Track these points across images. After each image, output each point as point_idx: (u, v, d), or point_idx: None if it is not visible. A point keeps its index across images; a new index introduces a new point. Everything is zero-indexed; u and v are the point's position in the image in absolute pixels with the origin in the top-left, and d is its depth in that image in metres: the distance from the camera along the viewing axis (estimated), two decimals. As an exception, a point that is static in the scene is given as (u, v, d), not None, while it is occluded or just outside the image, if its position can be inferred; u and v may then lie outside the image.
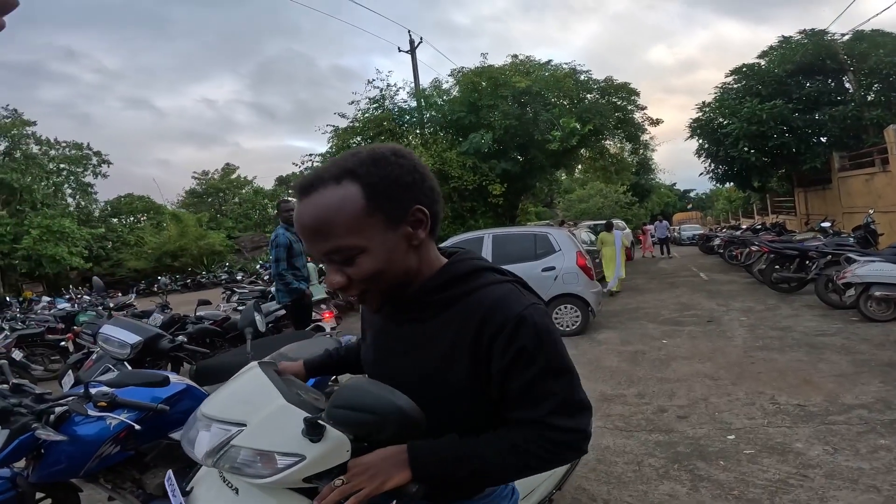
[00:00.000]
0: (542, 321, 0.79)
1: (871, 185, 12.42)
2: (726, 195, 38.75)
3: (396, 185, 0.77)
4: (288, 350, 2.67)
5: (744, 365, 4.62)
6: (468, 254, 0.89)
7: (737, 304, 7.79)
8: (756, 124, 14.60)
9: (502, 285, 0.83)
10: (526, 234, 7.05)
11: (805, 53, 15.03)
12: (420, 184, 0.80)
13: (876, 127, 13.01)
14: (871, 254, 6.67)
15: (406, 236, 0.79)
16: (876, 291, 5.72)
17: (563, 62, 13.31)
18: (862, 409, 3.37)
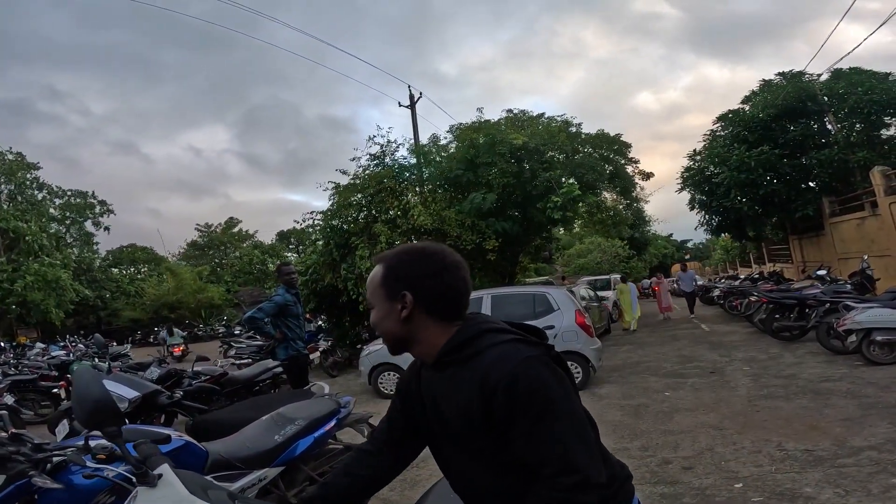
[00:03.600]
0: (534, 373, 0.91)
1: (862, 230, 12.49)
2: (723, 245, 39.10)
3: (403, 274, 1.04)
4: (286, 410, 2.71)
5: (749, 414, 4.55)
6: (477, 317, 1.08)
7: (739, 354, 7.72)
8: (745, 172, 14.74)
9: (501, 345, 0.96)
10: (525, 293, 7.12)
11: (786, 96, 15.20)
12: (422, 278, 1.03)
13: (862, 169, 12.92)
14: (868, 300, 6.74)
15: (396, 310, 1.04)
16: (877, 336, 5.76)
17: (556, 114, 13.84)
18: (871, 450, 3.33)
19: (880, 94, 13.87)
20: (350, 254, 10.49)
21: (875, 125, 14.71)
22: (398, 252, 1.10)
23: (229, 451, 2.32)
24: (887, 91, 14.00)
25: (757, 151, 14.69)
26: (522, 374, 0.90)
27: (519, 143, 11.60)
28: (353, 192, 11.63)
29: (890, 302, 6.20)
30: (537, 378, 0.90)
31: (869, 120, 14.54)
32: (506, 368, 0.91)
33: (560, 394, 0.91)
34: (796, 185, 15.22)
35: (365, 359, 7.58)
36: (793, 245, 17.80)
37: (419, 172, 12.89)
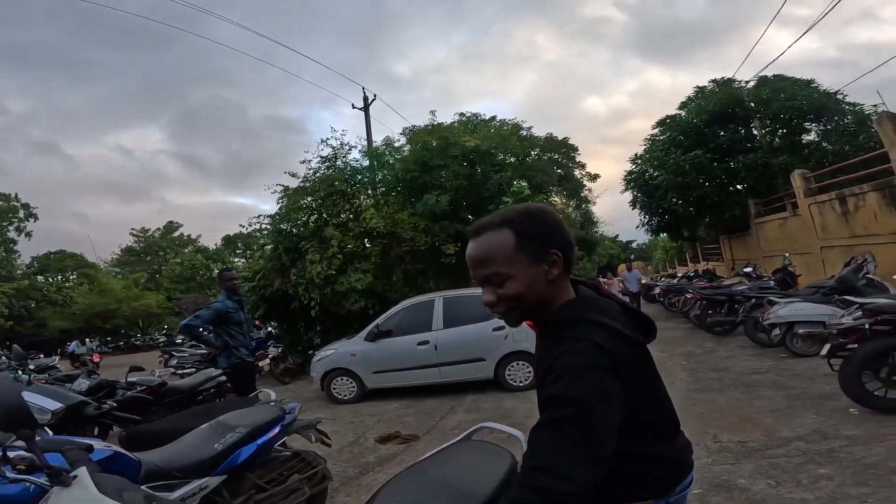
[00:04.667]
0: (578, 381, 0.91)
1: (784, 230, 13.31)
2: (662, 245, 41.29)
3: (540, 233, 1.04)
4: (226, 418, 2.68)
5: (687, 407, 4.79)
6: (582, 302, 1.08)
7: (678, 349, 8.12)
8: (681, 175, 15.47)
9: (579, 342, 0.97)
10: (475, 295, 7.17)
11: (717, 102, 15.99)
12: (558, 235, 1.05)
13: (784, 172, 13.53)
14: (790, 295, 7.28)
15: (543, 272, 1.03)
16: (799, 329, 6.15)
17: (508, 118, 14.12)
18: (799, 441, 3.56)
19: (801, 100, 14.63)
20: (300, 258, 10.19)
21: (796, 131, 15.57)
22: (521, 213, 1.06)
23: (165, 460, 2.29)
24: (808, 98, 14.73)
25: (691, 155, 15.36)
26: (566, 377, 0.92)
27: (471, 145, 11.73)
28: (303, 195, 11.31)
29: (810, 297, 6.63)
30: (578, 380, 0.91)
31: (790, 126, 15.45)
32: (565, 365, 0.94)
33: (586, 409, 0.89)
34: (726, 187, 16.05)
35: (316, 365, 7.46)
36: (723, 244, 18.92)
37: (372, 175, 12.74)
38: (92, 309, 29.25)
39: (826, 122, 15.11)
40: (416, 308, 7.30)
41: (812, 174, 11.96)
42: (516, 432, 1.85)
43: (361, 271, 9.83)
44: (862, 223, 9.45)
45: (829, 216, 10.63)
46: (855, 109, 14.58)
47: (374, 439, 5.09)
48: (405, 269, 10.57)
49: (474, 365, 6.75)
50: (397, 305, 7.60)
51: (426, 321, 7.00)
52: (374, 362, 7.05)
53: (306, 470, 2.88)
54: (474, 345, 6.73)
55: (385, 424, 5.71)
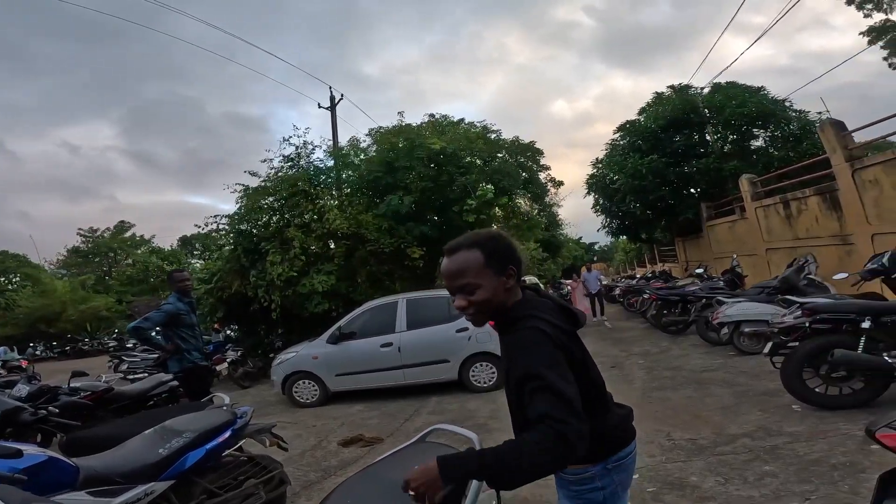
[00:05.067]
0: (531, 357, 1.22)
1: (733, 232, 13.92)
2: (623, 247, 42.64)
3: (501, 253, 1.35)
4: (173, 423, 2.64)
5: (643, 405, 4.95)
6: (526, 302, 1.37)
7: (636, 348, 8.42)
8: (638, 179, 15.85)
9: (527, 329, 1.26)
10: (439, 297, 7.25)
11: (674, 108, 16.47)
12: (513, 254, 1.37)
13: (734, 177, 13.97)
14: (737, 295, 7.62)
15: (503, 282, 1.33)
16: (745, 328, 6.44)
17: (476, 120, 14.20)
18: (746, 437, 3.70)
19: (751, 107, 15.17)
20: (260, 260, 9.90)
21: (745, 136, 16.16)
22: (487, 237, 1.39)
23: (107, 465, 2.29)
24: (757, 104, 15.29)
25: (648, 160, 15.81)
26: (522, 355, 1.24)
27: (437, 147, 11.73)
28: (264, 194, 10.99)
29: (756, 296, 6.93)
30: (532, 347, 1.23)
31: (741, 132, 15.98)
32: (519, 344, 1.26)
33: (544, 360, 1.20)
34: (680, 191, 16.59)
35: (277, 368, 7.33)
36: (678, 246, 19.67)
37: (337, 175, 12.54)
38: (35, 313, 27.59)
39: (773, 129, 15.85)
40: (379, 310, 7.25)
41: (759, 179, 12.58)
42: (470, 434, 1.86)
43: (324, 273, 9.65)
44: (804, 226, 10.03)
45: (774, 219, 11.23)
46: (800, 116, 15.39)
47: (336, 443, 5.04)
48: (370, 270, 10.45)
49: (438, 366, 6.76)
50: (360, 307, 7.53)
51: (389, 323, 6.97)
52: (337, 365, 6.97)
53: (262, 474, 2.87)
54: (438, 346, 6.74)
55: (348, 427, 5.66)
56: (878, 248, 6.61)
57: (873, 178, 7.65)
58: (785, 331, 4.32)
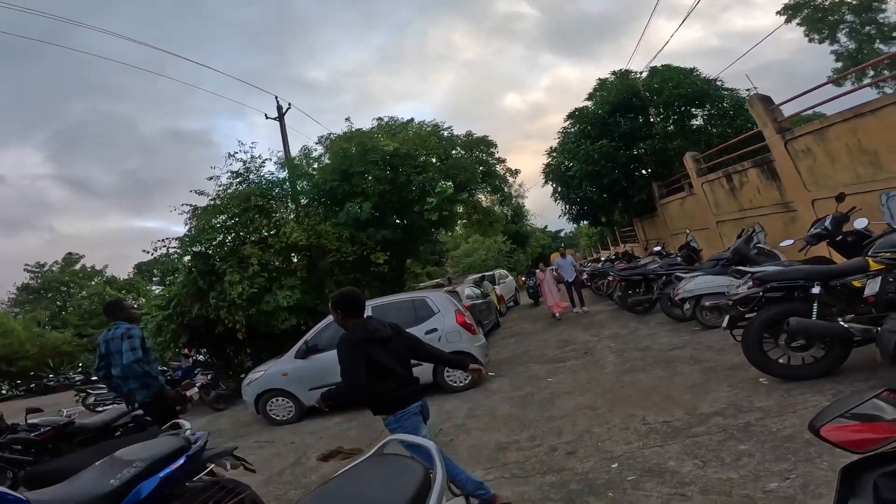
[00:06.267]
0: (338, 351, 2.90)
1: (684, 208, 14.50)
2: (586, 232, 43.62)
3: (341, 303, 2.97)
4: (122, 453, 2.58)
5: (616, 390, 5.03)
6: (351, 326, 2.96)
7: (606, 332, 8.54)
8: (591, 164, 16.24)
9: (341, 336, 2.93)
10: (404, 300, 7.20)
11: (617, 93, 16.90)
12: (342, 301, 3.00)
13: (679, 156, 14.49)
14: (694, 269, 7.81)
15: (338, 315, 2.97)
16: (706, 301, 6.61)
17: (430, 119, 14.12)
18: (717, 416, 3.72)
19: (686, 88, 15.81)
20: (218, 281, 9.51)
21: (685, 116, 16.72)
22: (336, 295, 3.04)
23: (58, 498, 2.27)
24: (692, 85, 15.95)
25: (599, 145, 16.21)
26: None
27: (390, 149, 11.58)
28: (214, 213, 10.55)
29: (711, 269, 7.10)
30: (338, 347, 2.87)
31: (680, 112, 16.56)
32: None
33: (345, 357, 2.83)
34: (632, 173, 17.03)
35: (247, 388, 7.18)
36: (637, 226, 20.29)
37: (292, 187, 12.19)
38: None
39: (710, 108, 16.57)
40: None
41: (701, 156, 13.11)
42: (427, 443, 1.82)
43: (288, 287, 9.37)
44: (748, 197, 10.49)
45: (720, 193, 11.71)
46: (732, 94, 16.11)
47: (316, 458, 4.95)
48: (336, 280, 10.23)
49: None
50: (326, 319, 7.35)
51: None
52: (309, 379, 6.81)
53: (228, 498, 2.85)
54: None
55: (327, 441, 5.58)
56: (819, 213, 6.95)
57: (805, 148, 8.07)
58: (740, 302, 4.30)
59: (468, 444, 4.50)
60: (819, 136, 7.73)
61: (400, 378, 2.94)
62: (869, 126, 6.76)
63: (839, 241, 5.05)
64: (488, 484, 3.56)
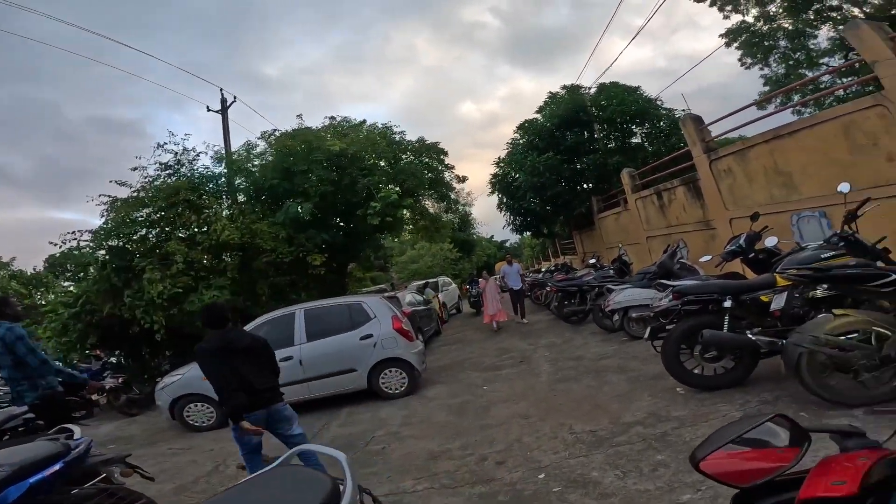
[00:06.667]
0: (197, 358, 3.43)
1: (619, 223, 15.16)
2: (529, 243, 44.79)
3: (203, 315, 3.56)
4: None
5: (549, 399, 5.10)
6: (210, 335, 3.44)
7: (543, 341, 8.72)
8: (537, 176, 16.62)
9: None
10: (339, 305, 6.99)
11: (566, 107, 17.41)
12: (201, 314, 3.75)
13: (618, 171, 14.88)
14: (624, 282, 8.16)
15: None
16: (633, 313, 6.92)
17: (379, 122, 13.90)
18: (638, 425, 3.84)
19: (629, 105, 16.59)
20: (135, 278, 8.77)
21: (626, 133, 17.53)
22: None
23: None
24: (635, 103, 16.76)
25: (545, 157, 16.64)
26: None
27: (337, 149, 11.29)
28: (137, 206, 9.76)
29: (639, 282, 7.41)
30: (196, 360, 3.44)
31: (622, 129, 17.36)
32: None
33: (206, 366, 3.36)
34: (574, 186, 17.71)
35: (161, 393, 6.71)
36: (576, 239, 21.04)
37: (229, 183, 11.55)
38: None
39: (649, 126, 17.54)
40: (274, 323, 6.78)
41: (637, 172, 13.82)
42: (337, 454, 1.73)
43: (216, 288, 8.81)
44: (675, 214, 11.17)
45: (651, 209, 12.40)
46: (669, 114, 17.13)
47: (236, 466, 4.62)
48: (270, 282, 9.76)
49: (345, 377, 6.48)
50: (254, 321, 7.01)
51: (287, 336, 6.55)
52: None
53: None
54: (342, 356, 6.47)
55: None
56: (735, 231, 7.47)
57: (727, 168, 8.65)
58: (661, 314, 4.52)
59: (400, 453, 4.40)
60: (740, 156, 8.27)
61: (250, 387, 3.33)
62: (785, 148, 7.26)
63: (751, 258, 5.42)
64: (417, 494, 3.49)
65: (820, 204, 6.52)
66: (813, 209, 6.64)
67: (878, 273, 3.25)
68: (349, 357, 6.46)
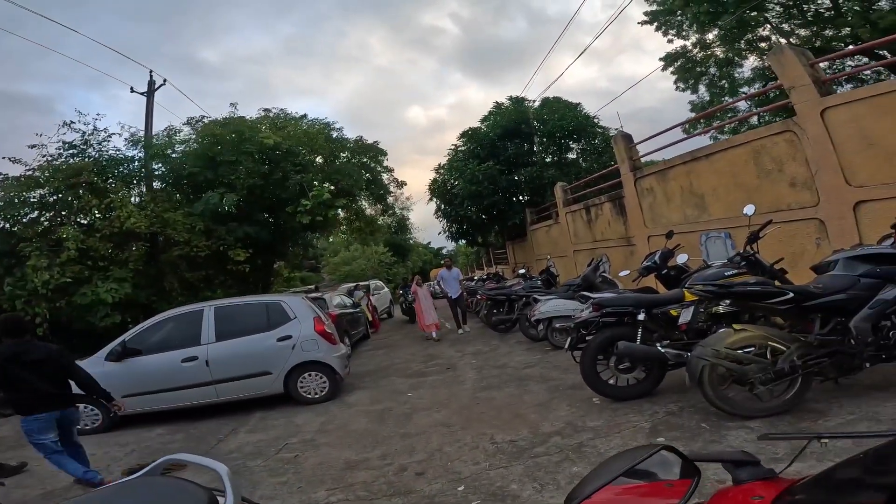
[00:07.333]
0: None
1: (549, 235, 15.62)
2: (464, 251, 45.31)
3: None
4: None
5: (471, 407, 5.05)
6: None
7: (470, 348, 8.70)
8: (475, 184, 16.81)
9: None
10: (256, 303, 6.59)
11: (509, 119, 17.76)
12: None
13: (552, 185, 15.24)
14: (550, 293, 8.42)
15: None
16: (557, 323, 7.11)
17: (319, 117, 13.36)
18: (556, 435, 3.86)
19: (569, 121, 17.32)
20: (19, 265, 7.72)
21: (563, 148, 18.24)
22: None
23: None
24: (574, 119, 17.51)
25: (485, 166, 16.86)
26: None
27: (270, 142, 10.71)
28: (29, 186, 8.62)
29: (564, 294, 7.68)
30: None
31: (559, 144, 18.02)
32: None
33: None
34: (510, 197, 18.08)
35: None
36: (509, 249, 21.50)
37: (147, 168, 10.55)
38: None
39: (584, 143, 18.37)
40: (178, 320, 6.26)
41: (569, 187, 14.39)
42: (216, 465, 1.50)
43: (115, 280, 7.95)
44: (600, 229, 11.72)
45: (579, 223, 12.96)
46: (604, 133, 17.94)
47: (121, 472, 4.25)
48: (180, 276, 8.97)
49: (258, 380, 6.06)
50: (153, 318, 6.43)
51: (193, 335, 6.04)
52: (124, 385, 5.76)
53: None
54: (256, 357, 6.04)
55: (140, 455, 4.87)
56: (652, 248, 7.93)
57: (649, 187, 9.18)
58: (581, 325, 4.65)
59: (314, 462, 4.14)
60: (661, 176, 8.78)
61: (36, 390, 3.82)
62: (700, 170, 7.75)
63: (664, 274, 5.77)
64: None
65: (726, 225, 7.08)
66: (719, 230, 7.21)
67: (775, 291, 3.52)
68: (264, 359, 6.05)
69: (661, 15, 16.71)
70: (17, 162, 8.91)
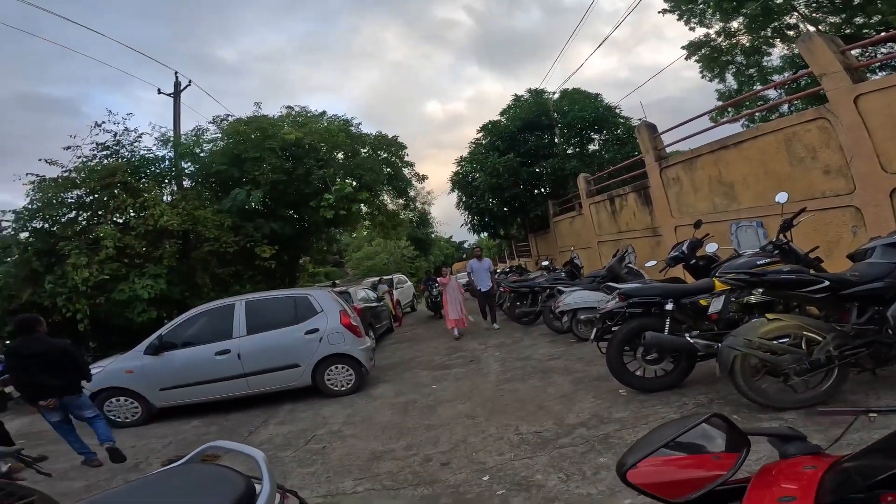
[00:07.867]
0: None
1: (573, 227, 15.48)
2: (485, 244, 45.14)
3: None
4: None
5: (495, 399, 5.06)
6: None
7: (493, 341, 8.69)
8: (496, 177, 16.75)
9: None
10: (284, 297, 6.74)
11: (529, 111, 17.65)
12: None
13: (574, 176, 15.21)
14: (575, 284, 8.31)
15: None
16: (581, 315, 7.03)
17: (339, 114, 13.54)
18: (582, 427, 3.83)
19: (590, 112, 17.09)
20: (59, 263, 8.08)
21: (584, 139, 18.01)
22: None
23: None
24: (595, 110, 17.27)
25: (505, 159, 16.78)
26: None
27: (293, 138, 10.89)
28: (67, 186, 8.99)
29: (589, 285, 7.58)
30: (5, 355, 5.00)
31: (581, 135, 17.81)
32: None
33: (9, 360, 4.47)
34: (532, 189, 17.98)
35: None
36: (531, 241, 21.38)
37: (177, 167, 10.89)
38: None
39: (606, 133, 18.06)
40: (211, 315, 6.45)
41: (592, 178, 14.18)
42: (254, 452, 1.57)
43: (151, 276, 8.24)
44: (625, 220, 11.52)
45: (603, 214, 12.76)
46: (626, 122, 17.64)
47: (160, 463, 4.35)
48: (212, 272, 9.23)
49: (287, 372, 6.21)
50: (187, 313, 6.64)
51: (226, 329, 6.22)
52: (161, 378, 6.07)
53: (7, 501, 2.70)
54: (285, 350, 6.19)
55: (177, 446, 5.04)
56: (679, 238, 7.74)
57: (676, 176, 8.98)
58: (607, 316, 4.59)
59: (341, 452, 4.23)
60: (688, 165, 8.58)
61: (34, 380, 4.32)
62: (729, 159, 7.55)
63: (692, 264, 5.62)
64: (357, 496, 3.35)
65: (757, 214, 6.86)
66: (750, 219, 6.99)
67: (810, 279, 3.39)
68: (292, 352, 6.19)
69: (683, 3, 16.18)
70: (53, 164, 9.29)
